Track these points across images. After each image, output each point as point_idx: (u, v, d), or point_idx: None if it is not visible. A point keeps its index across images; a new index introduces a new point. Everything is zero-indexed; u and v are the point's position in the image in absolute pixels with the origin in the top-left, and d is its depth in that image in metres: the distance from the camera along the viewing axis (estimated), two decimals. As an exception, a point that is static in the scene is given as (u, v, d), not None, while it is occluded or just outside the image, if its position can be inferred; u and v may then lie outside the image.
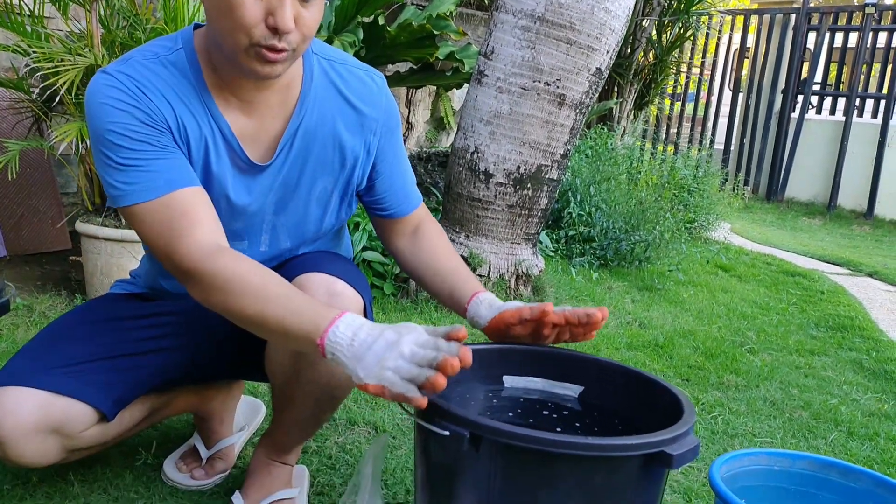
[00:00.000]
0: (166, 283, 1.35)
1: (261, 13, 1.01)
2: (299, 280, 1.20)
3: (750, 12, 7.72)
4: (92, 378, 1.19)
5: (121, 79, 1.09)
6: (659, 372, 2.32)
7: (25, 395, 1.12)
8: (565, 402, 1.26)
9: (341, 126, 1.24)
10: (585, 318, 1.17)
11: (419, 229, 1.40)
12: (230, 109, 1.16)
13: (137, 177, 1.08)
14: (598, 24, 2.56)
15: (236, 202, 1.21)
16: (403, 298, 2.71)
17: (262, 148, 1.20)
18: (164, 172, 1.08)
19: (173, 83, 1.12)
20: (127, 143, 1.07)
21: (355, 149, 1.26)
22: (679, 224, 4.14)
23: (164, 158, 1.09)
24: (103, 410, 1.20)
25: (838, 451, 1.88)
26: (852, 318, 3.14)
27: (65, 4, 2.38)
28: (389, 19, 3.88)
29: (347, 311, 1.00)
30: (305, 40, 1.07)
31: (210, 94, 1.14)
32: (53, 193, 2.96)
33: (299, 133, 1.21)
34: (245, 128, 1.18)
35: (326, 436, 1.69)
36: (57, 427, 1.14)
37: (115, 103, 1.07)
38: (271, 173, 1.22)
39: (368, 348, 0.94)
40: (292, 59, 1.08)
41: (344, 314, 0.98)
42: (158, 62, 1.12)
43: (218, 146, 1.16)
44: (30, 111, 2.60)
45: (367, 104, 1.26)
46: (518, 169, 2.70)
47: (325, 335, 0.96)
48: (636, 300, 3.17)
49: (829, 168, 7.10)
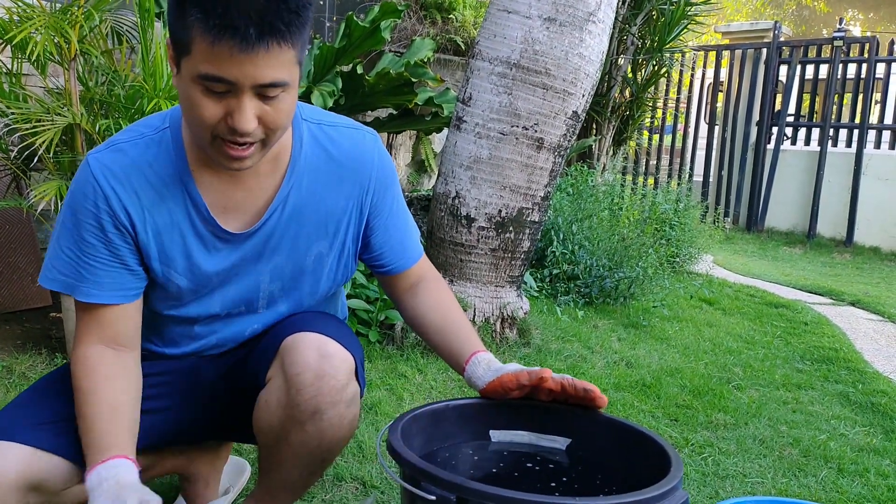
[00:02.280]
0: (150, 345, 1.34)
1: (220, 112, 1.02)
2: (291, 340, 1.19)
3: (722, 48, 7.88)
4: (76, 435, 1.17)
5: (97, 174, 1.14)
6: (647, 413, 2.31)
7: (8, 450, 1.09)
8: (552, 455, 1.25)
9: (332, 191, 1.25)
10: (583, 392, 1.18)
11: (420, 284, 1.39)
12: (211, 184, 1.18)
13: (72, 271, 1.15)
14: (572, 70, 2.61)
15: (215, 270, 1.22)
16: (389, 345, 2.69)
17: (246, 217, 1.21)
18: (99, 283, 1.16)
19: (152, 166, 1.15)
20: (83, 238, 1.15)
21: (348, 212, 1.27)
22: (662, 259, 4.17)
23: (105, 270, 1.16)
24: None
25: (829, 489, 1.87)
26: (836, 350, 3.15)
27: (43, 63, 2.39)
28: (367, 67, 3.93)
29: (112, 458, 1.06)
30: (275, 133, 1.07)
31: (190, 173, 1.17)
32: (33, 250, 2.93)
33: (289, 201, 1.22)
34: (227, 200, 1.19)
35: (313, 493, 1.67)
36: (38, 484, 1.11)
37: (82, 200, 1.14)
38: (255, 241, 1.22)
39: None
40: (263, 150, 1.09)
41: (108, 461, 1.06)
42: (143, 142, 1.16)
43: (195, 222, 1.18)
44: (8, 170, 2.59)
45: (359, 163, 1.26)
46: (500, 213, 2.71)
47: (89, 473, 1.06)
48: (622, 338, 3.17)
49: (807, 197, 7.21)
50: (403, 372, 2.47)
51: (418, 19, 4.77)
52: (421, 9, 4.84)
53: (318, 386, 1.15)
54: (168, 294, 1.24)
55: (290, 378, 1.16)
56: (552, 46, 2.58)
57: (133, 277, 1.19)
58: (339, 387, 1.17)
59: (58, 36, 2.25)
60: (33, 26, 2.18)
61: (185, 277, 1.21)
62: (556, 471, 1.21)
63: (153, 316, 1.31)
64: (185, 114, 1.08)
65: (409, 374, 2.45)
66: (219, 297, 1.25)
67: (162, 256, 1.19)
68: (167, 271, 1.20)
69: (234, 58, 0.97)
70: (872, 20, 21.36)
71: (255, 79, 0.99)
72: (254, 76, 0.99)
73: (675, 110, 7.97)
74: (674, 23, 5.24)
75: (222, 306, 1.27)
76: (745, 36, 7.82)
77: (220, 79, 0.99)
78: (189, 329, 1.30)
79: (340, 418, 1.20)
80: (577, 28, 2.59)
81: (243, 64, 0.98)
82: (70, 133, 2.33)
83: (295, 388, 1.16)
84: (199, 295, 1.25)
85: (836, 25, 7.26)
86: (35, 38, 2.20)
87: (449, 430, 1.25)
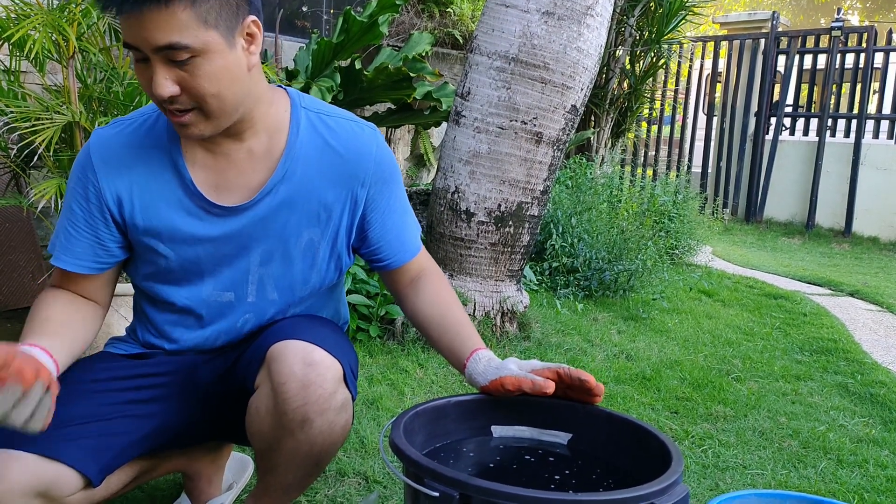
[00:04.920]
0: (149, 337, 1.35)
1: (148, 82, 1.08)
2: (276, 348, 1.18)
3: (720, 38, 7.87)
4: (82, 443, 1.18)
5: (93, 147, 1.23)
6: (647, 405, 2.32)
7: (14, 457, 1.10)
8: (553, 449, 1.26)
9: (327, 178, 1.25)
10: (578, 382, 1.19)
11: (419, 279, 1.39)
12: (205, 162, 1.23)
13: (59, 241, 1.25)
14: (571, 63, 2.61)
15: (200, 241, 1.25)
16: (390, 340, 2.70)
17: (238, 194, 1.23)
18: (72, 250, 1.25)
19: (145, 142, 1.23)
20: (70, 206, 1.25)
21: (341, 202, 1.28)
22: (661, 251, 4.17)
23: (79, 239, 1.24)
24: (90, 477, 1.18)
25: (829, 480, 1.89)
26: (836, 341, 3.16)
27: (41, 61, 2.39)
28: (366, 61, 3.93)
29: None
30: (204, 99, 1.10)
31: (180, 150, 1.22)
32: (33, 248, 2.94)
33: (283, 183, 1.23)
34: (219, 178, 1.23)
35: (317, 489, 1.68)
36: (44, 491, 1.12)
37: (77, 170, 1.24)
38: (245, 219, 1.24)
39: None
40: (209, 120, 1.13)
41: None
42: (141, 120, 1.24)
43: (181, 197, 1.23)
44: (7, 167, 2.59)
45: (356, 154, 1.27)
46: (499, 207, 2.72)
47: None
48: (622, 331, 3.18)
49: (806, 188, 7.21)
50: (404, 367, 2.48)
51: (416, 13, 4.77)
52: (419, 2, 4.83)
53: (305, 395, 1.14)
54: (157, 270, 1.27)
55: (276, 387, 1.15)
56: (550, 40, 2.58)
57: (104, 252, 1.26)
58: (327, 395, 1.16)
59: (56, 33, 2.25)
60: (31, 24, 2.18)
61: (171, 250, 1.24)
62: (556, 465, 1.22)
63: (147, 302, 1.33)
64: None
65: (410, 369, 2.46)
66: (208, 278, 1.27)
67: (149, 229, 1.24)
68: (155, 243, 1.24)
69: (128, 22, 1.04)
70: (870, 9, 21.32)
71: (149, 41, 1.04)
72: (146, 39, 1.04)
73: (673, 101, 7.96)
74: (672, 14, 5.24)
75: (212, 289, 1.28)
76: (744, 26, 7.81)
77: (128, 45, 1.07)
78: (183, 319, 1.31)
79: (331, 425, 1.18)
80: (576, 22, 2.59)
81: (134, 27, 1.04)
82: (69, 131, 2.33)
83: (281, 398, 1.14)
84: (188, 272, 1.26)
85: (832, 15, 7.24)
86: (33, 36, 2.19)
87: (450, 426, 1.26)
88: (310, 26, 4.94)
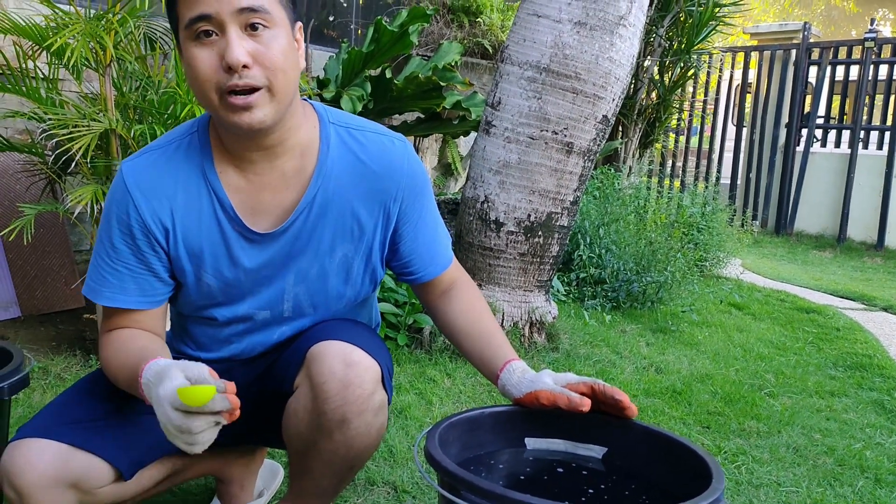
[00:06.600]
0: (185, 348, 1.35)
1: (215, 60, 1.06)
2: (316, 348, 1.19)
3: (750, 49, 7.80)
4: (112, 434, 1.19)
5: (128, 181, 1.18)
6: (678, 420, 2.29)
7: (46, 446, 1.11)
8: (587, 463, 1.24)
9: (359, 194, 1.25)
10: (612, 400, 1.17)
11: (451, 290, 1.39)
12: (239, 186, 1.20)
13: (98, 276, 1.20)
14: (603, 74, 2.60)
15: (244, 271, 1.23)
16: (417, 349, 2.70)
17: (273, 218, 1.22)
18: (125, 287, 1.20)
19: (180, 170, 1.19)
20: (113, 244, 1.19)
21: (374, 217, 1.27)
22: (690, 263, 4.13)
23: (131, 275, 1.20)
24: (121, 469, 1.19)
25: (867, 499, 1.84)
26: (870, 357, 3.10)
27: (79, 69, 2.43)
28: (395, 71, 3.95)
29: (150, 362, 1.05)
30: (276, 74, 1.08)
31: (216, 173, 1.19)
32: (67, 253, 2.98)
33: (316, 202, 1.22)
34: (254, 201, 1.21)
35: (346, 497, 1.67)
36: (75, 481, 1.13)
37: (115, 208, 1.19)
38: (282, 242, 1.23)
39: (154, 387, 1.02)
40: (271, 100, 1.10)
41: (148, 364, 1.04)
42: (172, 147, 1.20)
43: (222, 223, 1.20)
44: (44, 173, 2.63)
45: (387, 168, 1.26)
46: (528, 217, 2.70)
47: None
48: (651, 343, 3.15)
49: (837, 200, 7.10)
50: (432, 376, 2.47)
51: (445, 23, 4.78)
52: (448, 12, 4.85)
53: (345, 395, 1.15)
54: (199, 295, 1.25)
55: (316, 387, 1.16)
56: (582, 51, 2.57)
57: (159, 283, 1.22)
58: (366, 395, 1.17)
59: (93, 42, 2.29)
60: (70, 33, 2.22)
61: (214, 278, 1.23)
62: (590, 479, 1.20)
63: (184, 320, 1.33)
64: (194, 89, 1.10)
65: (438, 379, 2.46)
66: (247, 299, 1.27)
67: (192, 258, 1.21)
68: (198, 272, 1.22)
69: None
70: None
71: (232, 3, 1.04)
72: (230, 1, 1.04)
73: (702, 112, 7.89)
74: (702, 24, 5.20)
75: (249, 308, 1.28)
76: (774, 37, 7.73)
77: (201, 16, 1.04)
78: (219, 332, 1.31)
79: (368, 427, 1.19)
80: (608, 32, 2.58)
81: None
82: (105, 138, 2.37)
83: (321, 397, 1.15)
84: (228, 296, 1.26)
85: (865, 26, 7.15)
86: (72, 45, 2.23)
87: (484, 437, 1.25)
88: (337, 36, 4.98)
